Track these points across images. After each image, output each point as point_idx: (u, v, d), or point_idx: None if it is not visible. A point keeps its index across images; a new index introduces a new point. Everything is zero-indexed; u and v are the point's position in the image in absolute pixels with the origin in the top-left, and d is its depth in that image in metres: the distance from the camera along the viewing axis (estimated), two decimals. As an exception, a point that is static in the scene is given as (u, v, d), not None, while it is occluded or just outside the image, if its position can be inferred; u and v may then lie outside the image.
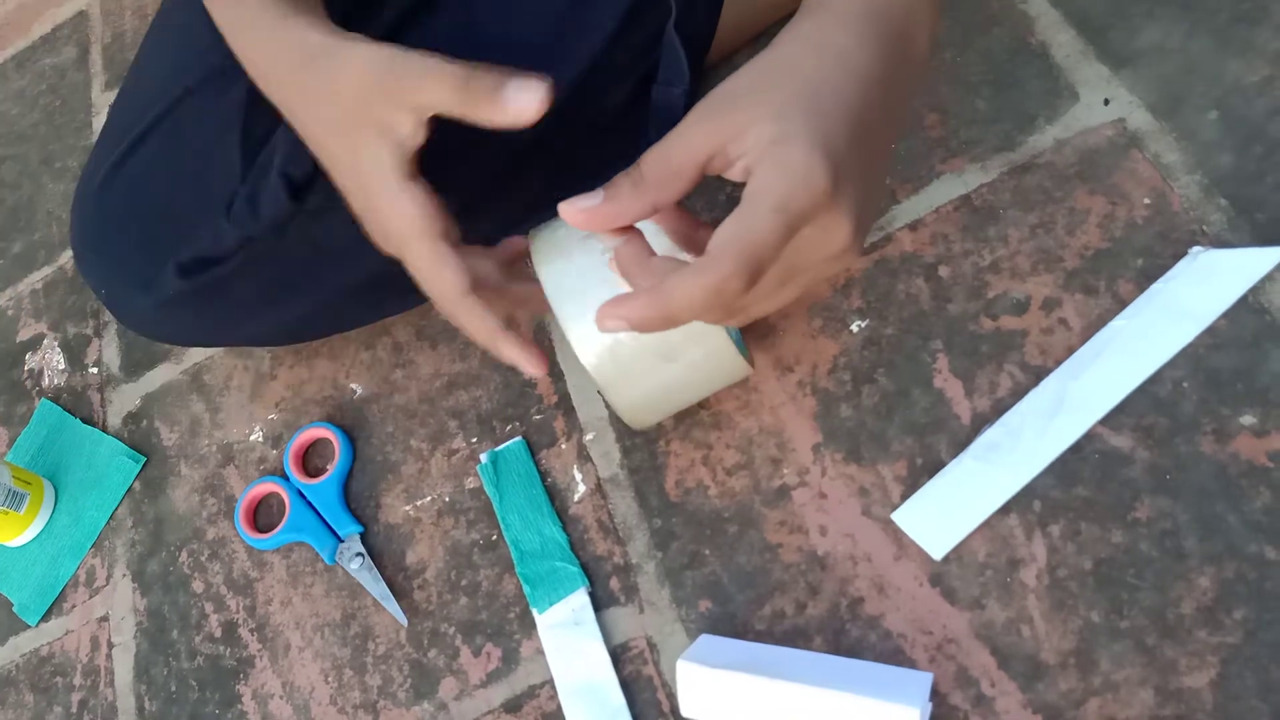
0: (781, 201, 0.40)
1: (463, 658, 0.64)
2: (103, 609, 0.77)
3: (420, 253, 0.51)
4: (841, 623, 0.57)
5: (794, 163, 0.40)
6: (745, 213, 0.40)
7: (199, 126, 0.70)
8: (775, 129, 0.41)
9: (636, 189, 0.43)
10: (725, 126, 0.42)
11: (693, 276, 0.40)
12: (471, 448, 0.71)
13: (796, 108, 0.41)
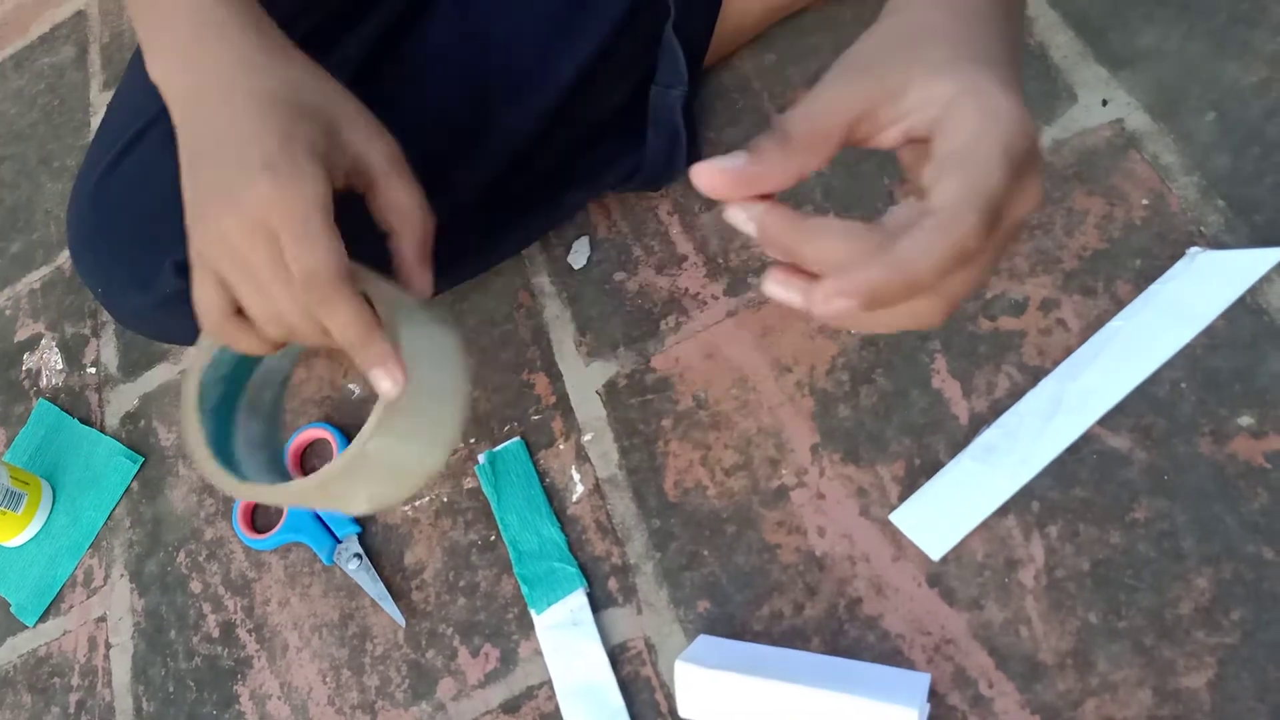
0: (1006, 146, 0.37)
1: (461, 658, 0.64)
2: (100, 609, 0.77)
3: (306, 221, 0.47)
4: (839, 623, 0.57)
5: (1001, 109, 0.38)
6: (968, 165, 0.37)
7: None
8: (954, 84, 0.39)
9: (784, 151, 0.39)
10: (875, 90, 0.39)
11: (935, 234, 0.36)
12: (469, 448, 0.71)
13: (965, 61, 0.40)
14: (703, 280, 0.71)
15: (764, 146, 0.39)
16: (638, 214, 0.75)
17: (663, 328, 0.70)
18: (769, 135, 0.39)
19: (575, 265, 0.75)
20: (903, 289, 0.36)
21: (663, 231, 0.74)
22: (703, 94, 0.77)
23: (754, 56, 0.78)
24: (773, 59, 0.77)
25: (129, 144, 0.71)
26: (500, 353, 0.74)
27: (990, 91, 0.38)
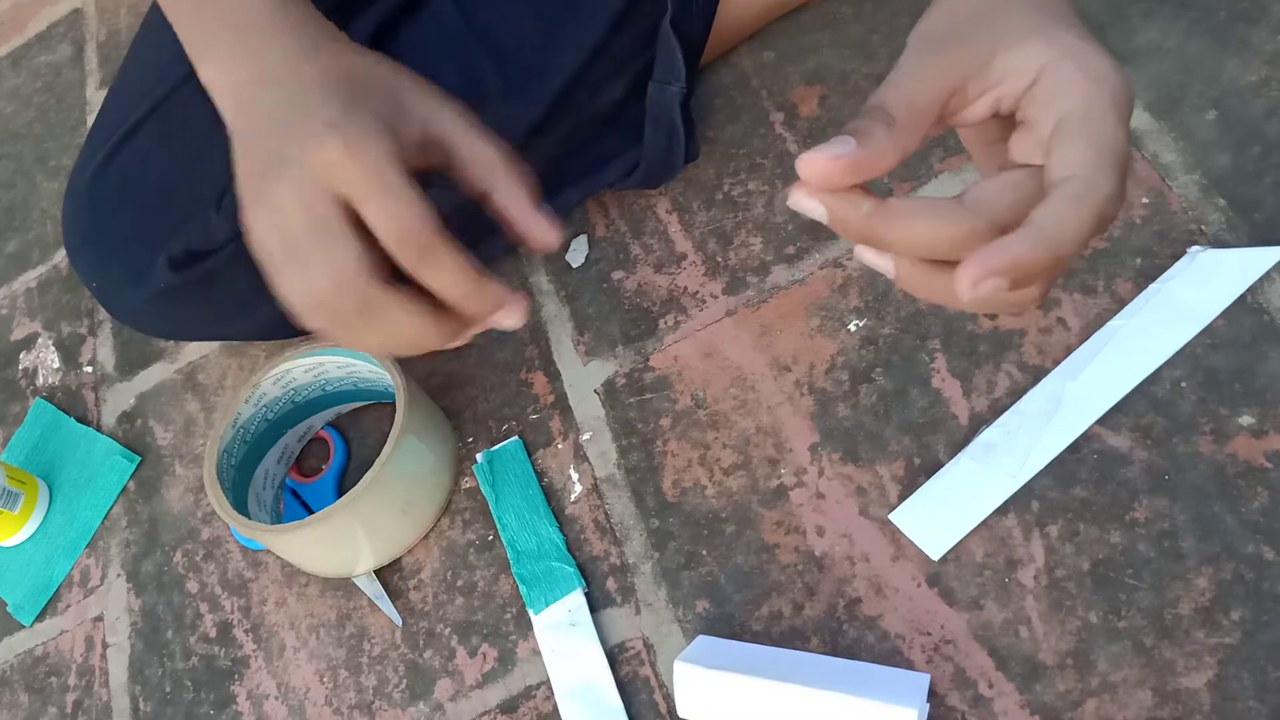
0: (1117, 105, 0.36)
1: (458, 658, 0.64)
2: (97, 609, 0.77)
3: (384, 174, 0.42)
4: (839, 623, 0.56)
5: (1101, 69, 0.36)
6: (1090, 128, 0.35)
7: (191, 118, 0.69)
8: (1045, 48, 0.37)
9: (891, 132, 0.36)
10: (962, 62, 0.38)
11: (1077, 202, 0.34)
12: (467, 447, 0.71)
13: (1048, 23, 0.38)
14: (701, 279, 0.70)
15: (870, 130, 0.36)
16: (636, 212, 0.75)
17: (661, 327, 0.70)
18: (871, 119, 0.37)
19: (573, 264, 0.75)
20: (1051, 263, 0.34)
21: (661, 230, 0.73)
22: (701, 91, 0.77)
23: (752, 53, 0.78)
24: (771, 56, 0.77)
25: (123, 138, 0.71)
26: (497, 351, 0.74)
27: (1085, 51, 0.37)
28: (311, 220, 0.43)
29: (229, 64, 0.49)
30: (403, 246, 0.43)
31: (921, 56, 0.39)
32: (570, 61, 0.69)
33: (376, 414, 0.75)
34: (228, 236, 0.66)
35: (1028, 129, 0.37)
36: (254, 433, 0.71)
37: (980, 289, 0.34)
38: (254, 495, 0.70)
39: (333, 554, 0.65)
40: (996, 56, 0.38)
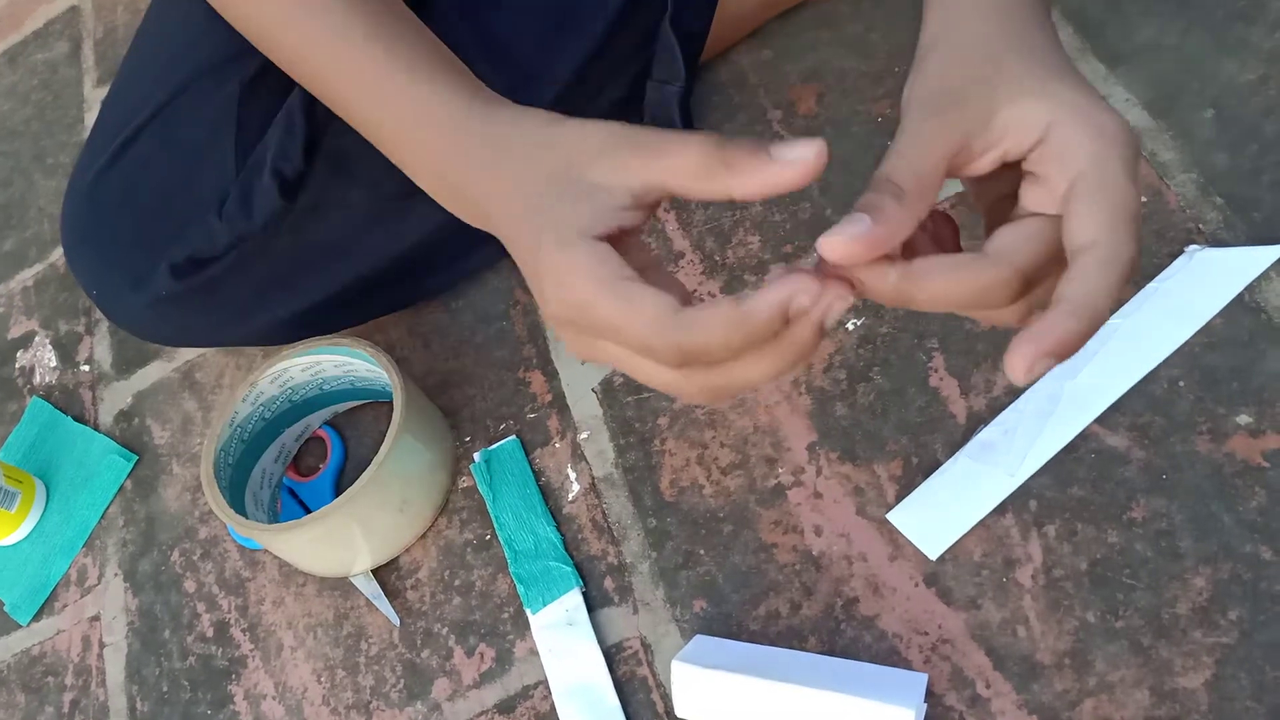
0: (1126, 162, 0.37)
1: (456, 658, 0.64)
2: (94, 608, 0.77)
3: (606, 303, 0.39)
4: (836, 623, 0.56)
5: (1107, 125, 0.37)
6: (1105, 191, 0.36)
7: (192, 124, 0.69)
8: (1047, 104, 0.38)
9: (902, 204, 0.37)
10: (963, 124, 0.38)
11: (1106, 269, 0.36)
12: (465, 446, 0.71)
13: (1045, 75, 0.39)
14: (700, 277, 0.70)
15: (882, 205, 0.37)
16: (634, 211, 0.75)
17: (659, 325, 0.70)
18: (881, 193, 0.37)
19: (571, 263, 0.75)
20: (1091, 332, 0.36)
21: (659, 228, 0.73)
22: (699, 89, 0.77)
23: (751, 52, 0.78)
24: (770, 54, 0.77)
25: (124, 143, 0.71)
26: (495, 350, 0.73)
27: (1089, 107, 0.38)
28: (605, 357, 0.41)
29: (425, 171, 0.48)
30: (658, 342, 0.39)
31: (921, 122, 0.39)
32: (570, 62, 0.69)
33: (374, 413, 0.75)
34: (229, 243, 0.66)
35: (1039, 183, 0.38)
36: (251, 432, 0.71)
37: (1035, 372, 0.35)
38: (251, 494, 0.70)
39: (330, 553, 0.65)
40: (998, 114, 0.38)
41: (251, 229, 0.65)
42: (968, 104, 0.39)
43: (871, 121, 0.71)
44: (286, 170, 0.64)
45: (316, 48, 0.51)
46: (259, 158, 0.65)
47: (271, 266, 0.69)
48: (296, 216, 0.66)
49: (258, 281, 0.69)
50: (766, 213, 0.71)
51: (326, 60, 0.51)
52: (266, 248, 0.67)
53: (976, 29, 0.42)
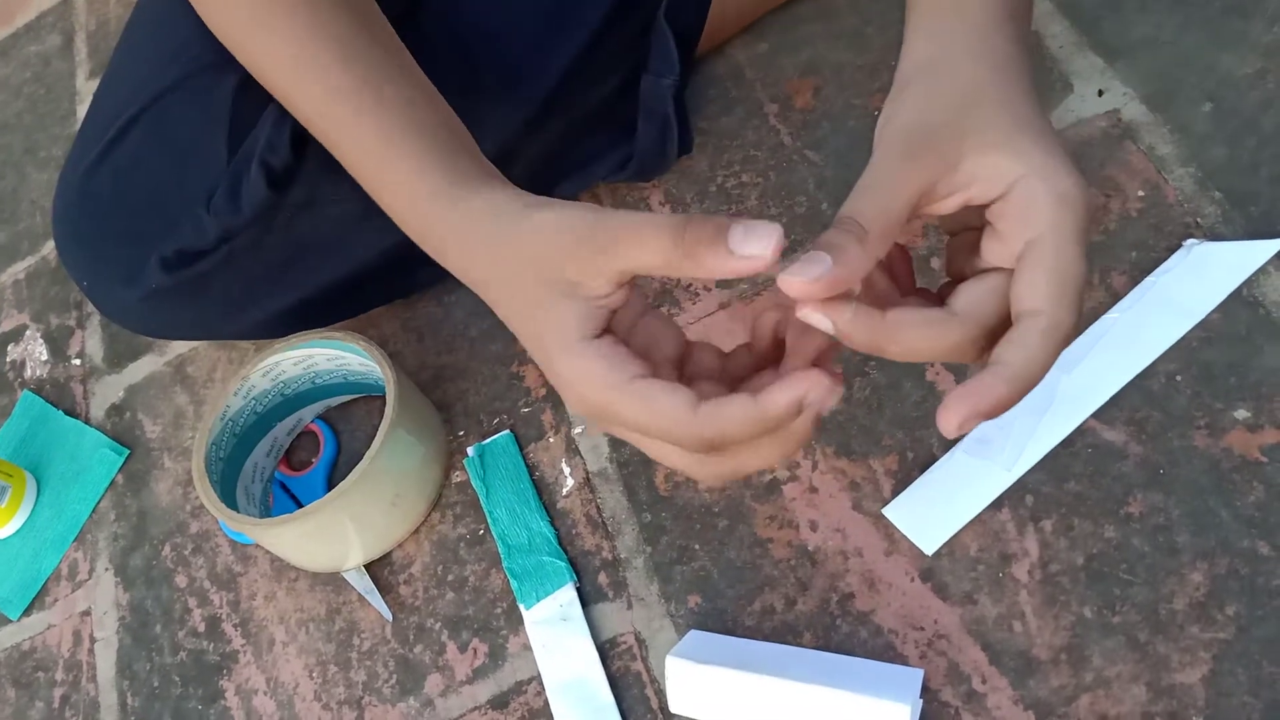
0: (1081, 233, 0.39)
1: (449, 653, 0.64)
2: (85, 603, 0.76)
3: (627, 404, 0.41)
4: (832, 618, 0.56)
5: (1070, 193, 0.38)
6: (1055, 260, 0.38)
7: (185, 119, 0.69)
8: (1016, 162, 0.39)
9: (864, 245, 0.38)
10: (932, 168, 0.39)
11: (1044, 340, 0.38)
12: (458, 441, 0.70)
13: (1018, 130, 0.40)
14: (694, 272, 0.70)
15: (843, 246, 0.37)
16: (629, 205, 0.75)
17: (654, 320, 0.69)
18: (843, 232, 0.38)
19: (566, 256, 0.74)
20: (1022, 396, 0.38)
21: (654, 222, 0.73)
22: (694, 83, 0.77)
23: (747, 45, 0.77)
24: (765, 48, 0.77)
25: (116, 137, 0.70)
26: (489, 344, 0.73)
27: (1054, 170, 0.39)
28: (625, 435, 0.43)
29: (428, 248, 0.48)
30: (684, 441, 0.41)
31: (892, 161, 0.40)
32: (565, 57, 0.68)
33: (367, 407, 0.75)
34: (219, 237, 0.66)
35: (997, 237, 0.39)
36: (243, 426, 0.70)
37: (965, 429, 0.37)
38: (243, 489, 0.70)
39: (322, 548, 0.65)
40: (965, 160, 0.39)
41: (239, 222, 0.65)
42: (940, 148, 0.39)
43: (868, 115, 0.71)
44: (274, 162, 0.64)
45: (316, 107, 0.51)
46: (248, 150, 0.65)
47: (263, 261, 0.68)
48: (287, 212, 0.66)
49: (249, 276, 0.69)
50: (762, 206, 0.70)
51: (324, 122, 0.52)
52: (258, 242, 0.67)
53: (963, 70, 0.42)
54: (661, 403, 0.40)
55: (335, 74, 0.51)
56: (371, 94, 0.50)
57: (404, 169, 0.49)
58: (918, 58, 0.43)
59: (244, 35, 0.53)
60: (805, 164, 0.71)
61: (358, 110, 0.50)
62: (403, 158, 0.49)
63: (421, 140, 0.49)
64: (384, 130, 0.49)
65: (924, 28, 0.45)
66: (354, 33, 0.52)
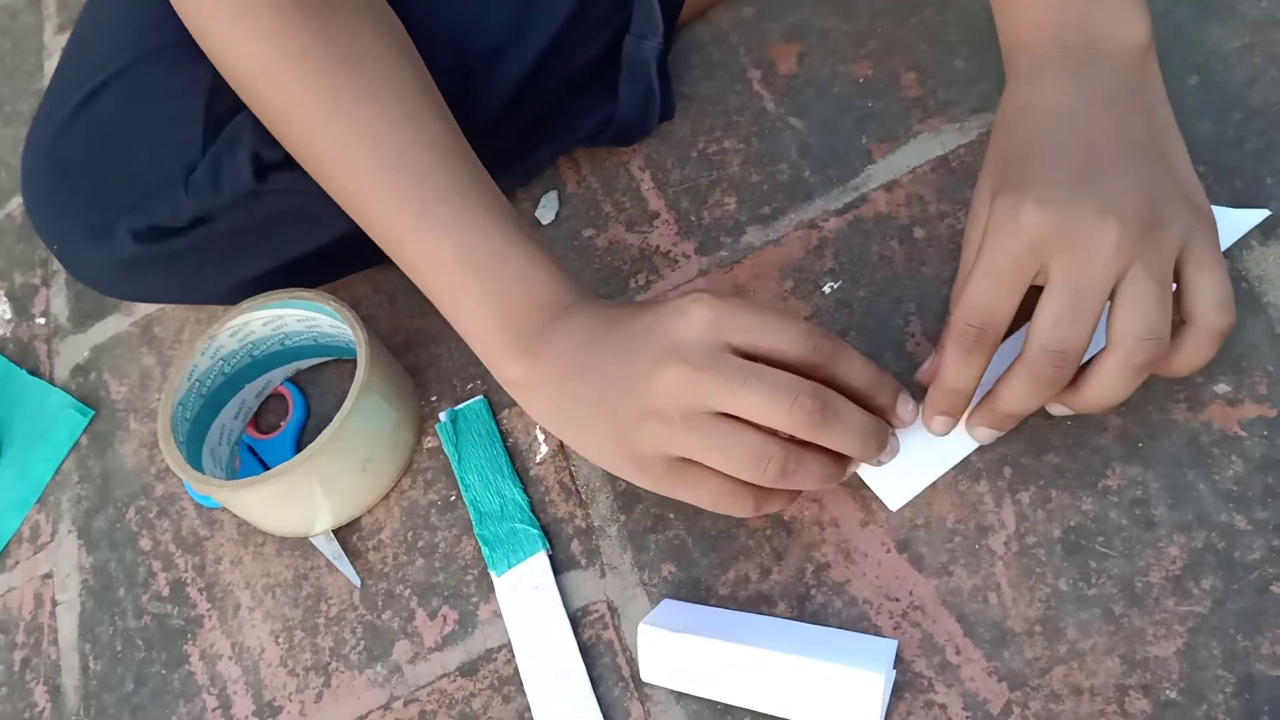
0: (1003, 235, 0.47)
1: (418, 620, 0.63)
2: (47, 566, 0.75)
3: (764, 314, 0.49)
4: (806, 588, 0.56)
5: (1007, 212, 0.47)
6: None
7: (163, 88, 0.67)
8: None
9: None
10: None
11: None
12: (430, 405, 0.69)
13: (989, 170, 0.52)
14: (674, 238, 0.69)
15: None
16: (608, 169, 0.73)
17: (632, 286, 0.68)
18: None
19: (543, 220, 0.73)
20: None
21: (634, 188, 0.72)
22: (678, 47, 0.75)
23: (731, 10, 0.76)
24: (751, 12, 0.75)
25: (87, 98, 0.68)
26: (464, 309, 0.72)
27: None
28: (704, 434, 0.48)
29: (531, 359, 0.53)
30: (818, 353, 0.48)
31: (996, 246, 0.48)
32: (548, 28, 0.67)
33: (338, 370, 0.73)
34: (194, 218, 0.64)
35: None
36: (210, 387, 0.69)
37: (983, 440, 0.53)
38: (209, 451, 0.68)
39: (289, 512, 0.64)
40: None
41: (218, 204, 0.63)
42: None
43: (852, 82, 0.70)
44: (266, 154, 0.62)
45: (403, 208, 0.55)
46: (233, 134, 0.63)
47: (240, 234, 0.67)
48: (273, 197, 0.64)
49: (224, 247, 0.67)
50: (744, 173, 0.69)
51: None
52: (237, 224, 0.65)
53: (1076, 120, 0.49)
54: (785, 314, 0.49)
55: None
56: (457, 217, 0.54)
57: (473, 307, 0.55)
58: (1034, 97, 0.52)
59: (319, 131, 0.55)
60: (788, 131, 0.70)
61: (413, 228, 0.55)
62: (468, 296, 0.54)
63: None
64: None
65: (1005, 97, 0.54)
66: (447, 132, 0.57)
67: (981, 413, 0.51)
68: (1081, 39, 0.50)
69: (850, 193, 0.66)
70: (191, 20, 0.57)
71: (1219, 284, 0.47)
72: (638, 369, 0.49)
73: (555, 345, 0.52)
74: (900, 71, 0.69)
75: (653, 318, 0.49)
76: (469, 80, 0.66)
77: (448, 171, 0.54)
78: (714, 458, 0.48)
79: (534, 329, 0.53)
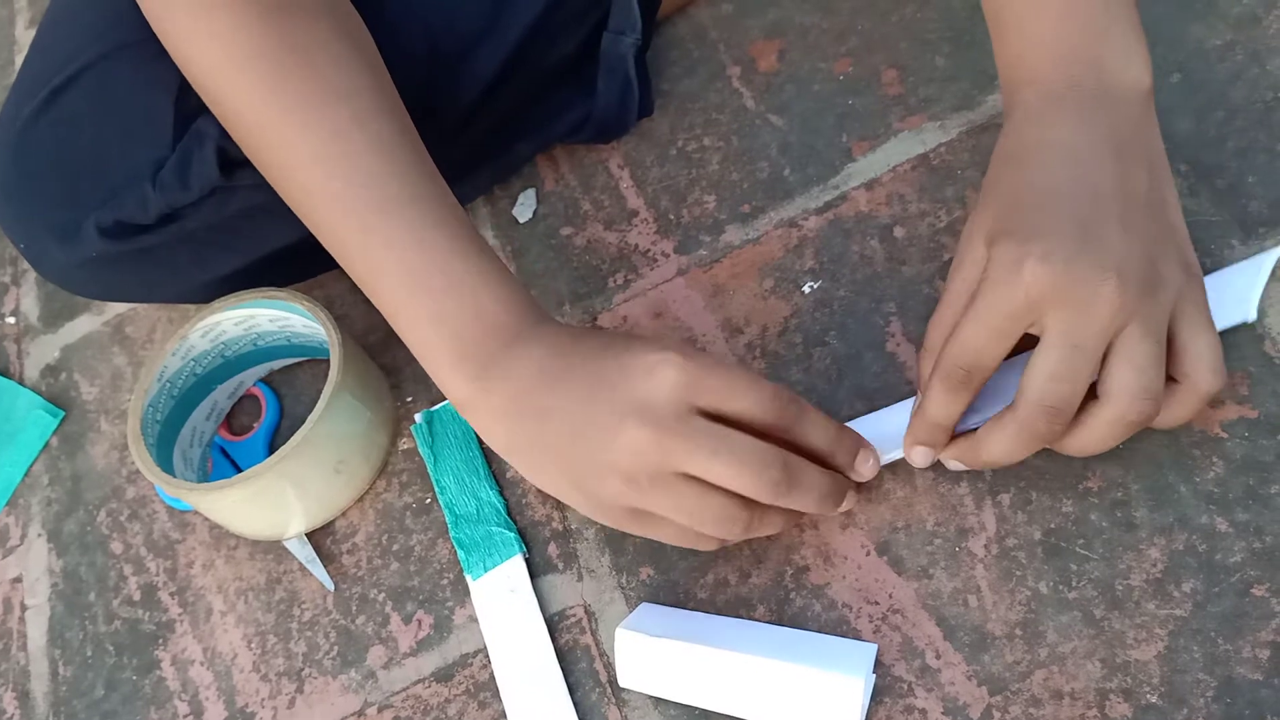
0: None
1: (392, 625, 0.62)
2: (16, 570, 0.73)
3: (735, 375, 0.49)
4: (786, 592, 0.55)
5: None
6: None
7: (131, 83, 0.66)
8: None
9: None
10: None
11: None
12: (406, 407, 0.68)
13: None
14: (653, 237, 0.68)
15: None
16: (587, 167, 0.72)
17: (610, 285, 0.67)
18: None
19: (520, 219, 0.72)
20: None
21: (613, 186, 0.71)
22: (657, 44, 0.75)
23: (711, 6, 0.75)
24: (730, 9, 0.75)
25: (54, 93, 0.67)
26: (441, 308, 0.71)
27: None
28: (673, 497, 0.48)
29: (500, 373, 0.51)
30: (783, 417, 0.49)
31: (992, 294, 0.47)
32: (523, 18, 0.66)
33: (312, 371, 0.72)
34: (162, 214, 0.63)
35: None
36: (181, 388, 0.68)
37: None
38: (180, 453, 0.67)
39: (262, 515, 0.63)
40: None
41: (185, 200, 0.62)
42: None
43: (832, 79, 0.69)
44: (232, 149, 0.61)
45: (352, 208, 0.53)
46: (201, 128, 0.62)
47: (210, 230, 0.66)
48: (241, 193, 0.63)
49: (194, 243, 0.66)
50: (723, 171, 0.69)
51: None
52: (205, 221, 0.64)
53: (1085, 166, 0.48)
54: (752, 376, 0.49)
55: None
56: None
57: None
58: (1029, 140, 0.51)
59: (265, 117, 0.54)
60: (768, 128, 0.69)
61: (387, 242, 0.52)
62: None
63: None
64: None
65: (1003, 133, 0.52)
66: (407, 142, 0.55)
67: (962, 451, 0.51)
68: (1093, 78, 0.49)
69: (830, 191, 0.65)
70: (153, 17, 0.56)
71: (1211, 347, 0.47)
72: (602, 423, 0.48)
73: (509, 377, 0.51)
74: (881, 69, 0.68)
75: (618, 370, 0.48)
76: (443, 72, 0.65)
77: (400, 180, 0.52)
78: (682, 518, 0.49)
79: (485, 354, 0.51)
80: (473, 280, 0.51)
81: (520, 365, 0.50)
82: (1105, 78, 0.49)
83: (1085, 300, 0.44)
